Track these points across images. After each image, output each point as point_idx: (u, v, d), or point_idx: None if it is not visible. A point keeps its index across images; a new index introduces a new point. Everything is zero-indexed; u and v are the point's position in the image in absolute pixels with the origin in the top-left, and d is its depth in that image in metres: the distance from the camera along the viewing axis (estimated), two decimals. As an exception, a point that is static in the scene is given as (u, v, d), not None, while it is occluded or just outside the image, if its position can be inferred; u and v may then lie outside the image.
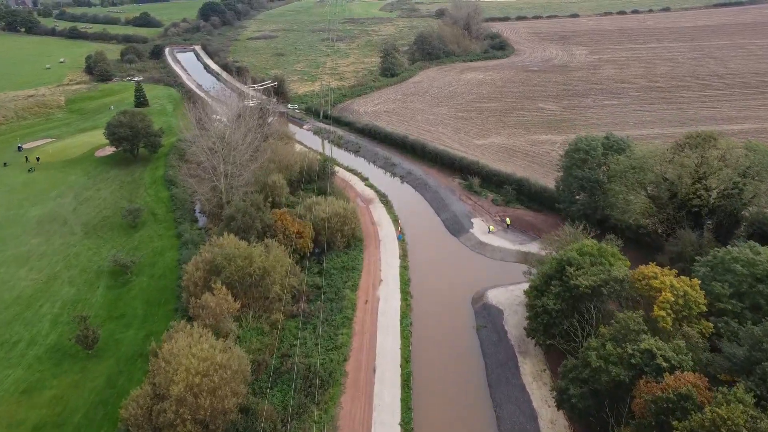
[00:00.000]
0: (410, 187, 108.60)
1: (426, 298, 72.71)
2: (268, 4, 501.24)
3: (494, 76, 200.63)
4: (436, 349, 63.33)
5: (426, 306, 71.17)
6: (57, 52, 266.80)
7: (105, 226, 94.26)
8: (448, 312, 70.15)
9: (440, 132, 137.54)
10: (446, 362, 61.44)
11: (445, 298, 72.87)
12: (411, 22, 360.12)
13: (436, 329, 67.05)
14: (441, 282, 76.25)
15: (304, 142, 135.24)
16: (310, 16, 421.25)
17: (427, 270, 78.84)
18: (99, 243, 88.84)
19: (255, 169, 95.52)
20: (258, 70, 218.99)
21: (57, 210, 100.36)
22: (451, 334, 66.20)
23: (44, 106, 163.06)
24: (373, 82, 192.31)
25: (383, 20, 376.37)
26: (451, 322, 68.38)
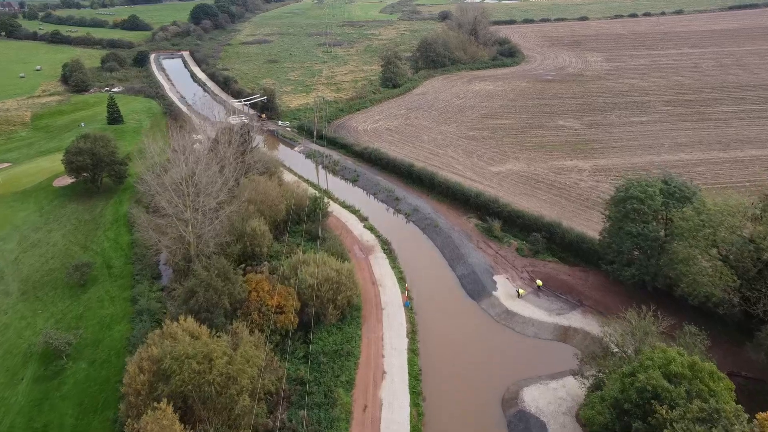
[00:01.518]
0: (417, 229, 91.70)
1: (443, 400, 55.79)
2: (264, 5, 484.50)
3: (505, 87, 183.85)
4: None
5: (444, 414, 54.26)
6: (35, 59, 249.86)
7: (48, 283, 77.42)
8: (472, 422, 53.27)
9: (450, 156, 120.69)
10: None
11: (467, 399, 55.99)
12: (413, 26, 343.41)
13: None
14: (461, 372, 59.36)
15: (295, 168, 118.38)
16: (307, 19, 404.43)
17: (442, 354, 61.96)
18: (36, 308, 72.03)
19: (230, 214, 78.75)
20: (248, 79, 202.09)
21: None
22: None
23: (6, 123, 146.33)
24: (373, 94, 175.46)
25: (383, 23, 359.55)
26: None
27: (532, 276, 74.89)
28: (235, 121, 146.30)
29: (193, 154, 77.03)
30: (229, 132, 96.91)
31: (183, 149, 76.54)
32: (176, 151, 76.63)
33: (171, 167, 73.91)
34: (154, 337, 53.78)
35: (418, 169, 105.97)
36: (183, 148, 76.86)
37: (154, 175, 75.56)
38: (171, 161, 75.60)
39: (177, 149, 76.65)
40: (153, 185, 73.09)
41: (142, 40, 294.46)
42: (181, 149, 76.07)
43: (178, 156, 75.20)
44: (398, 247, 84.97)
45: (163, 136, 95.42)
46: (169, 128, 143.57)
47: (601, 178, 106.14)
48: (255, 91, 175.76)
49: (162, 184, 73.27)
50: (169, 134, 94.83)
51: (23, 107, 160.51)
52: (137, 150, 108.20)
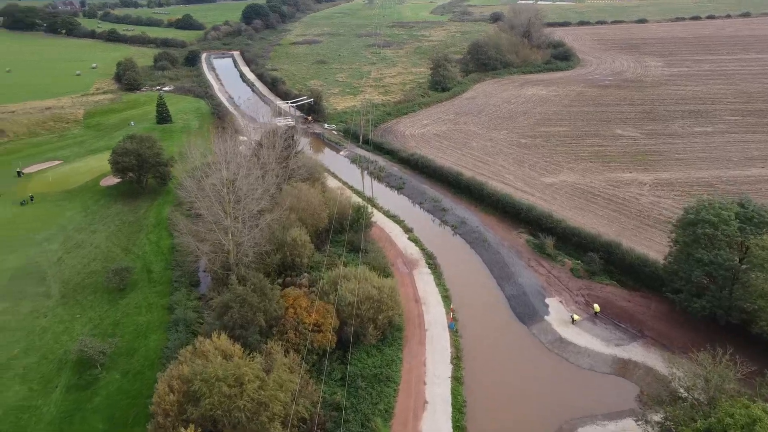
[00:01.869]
0: (464, 243, 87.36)
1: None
2: (315, 5, 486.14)
3: (559, 92, 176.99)
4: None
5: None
6: (92, 57, 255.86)
7: (88, 287, 76.66)
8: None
9: (500, 165, 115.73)
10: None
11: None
12: (463, 27, 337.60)
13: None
14: (508, 406, 54.98)
15: (340, 173, 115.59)
16: (357, 19, 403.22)
17: (488, 385, 57.65)
18: (75, 313, 71.16)
19: (271, 222, 76.36)
20: (296, 80, 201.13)
21: (37, 261, 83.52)
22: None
23: (60, 121, 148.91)
24: (421, 97, 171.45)
25: (434, 24, 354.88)
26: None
27: (588, 300, 69.70)
28: (281, 123, 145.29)
29: (235, 159, 74.83)
30: (274, 135, 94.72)
31: (225, 154, 74.51)
32: (218, 155, 74.70)
33: (212, 172, 71.86)
34: (186, 354, 51.52)
35: (467, 179, 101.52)
36: (225, 153, 74.83)
37: (194, 180, 73.71)
38: (212, 166, 73.57)
39: (219, 154, 74.69)
40: (193, 190, 71.17)
41: (194, 39, 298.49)
42: (223, 154, 74.03)
43: (219, 161, 73.21)
44: (444, 262, 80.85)
45: (205, 140, 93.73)
46: (214, 130, 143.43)
47: (662, 194, 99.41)
48: (302, 92, 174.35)
49: (202, 190, 71.34)
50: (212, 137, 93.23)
51: (77, 105, 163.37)
52: (178, 153, 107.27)
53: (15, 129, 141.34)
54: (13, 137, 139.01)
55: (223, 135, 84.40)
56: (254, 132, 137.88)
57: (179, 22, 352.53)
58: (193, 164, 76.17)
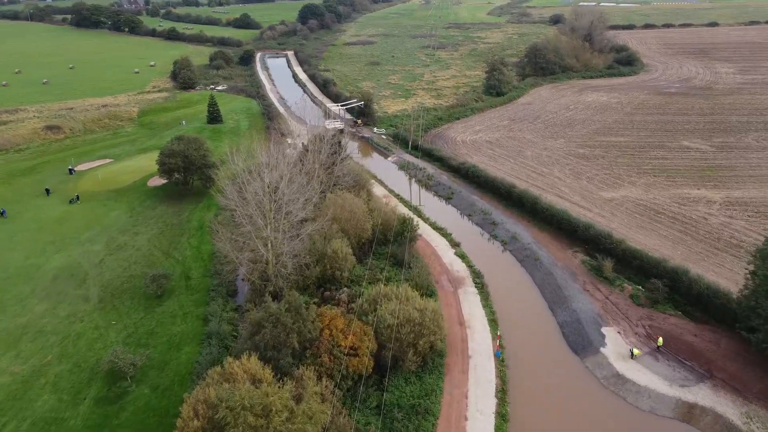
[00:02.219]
0: (514, 261, 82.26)
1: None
2: (371, 6, 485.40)
3: (621, 99, 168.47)
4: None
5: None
6: (151, 55, 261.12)
7: (126, 291, 75.60)
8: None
9: (555, 177, 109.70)
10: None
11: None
12: (521, 29, 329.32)
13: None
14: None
15: (387, 180, 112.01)
16: (413, 20, 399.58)
17: (536, 424, 52.81)
18: (111, 319, 70.02)
19: (312, 233, 73.48)
20: (348, 81, 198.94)
21: (80, 261, 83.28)
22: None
23: (115, 118, 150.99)
24: (475, 102, 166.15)
25: (490, 26, 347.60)
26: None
27: (650, 332, 63.69)
28: (330, 125, 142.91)
29: (277, 168, 72.23)
30: (320, 141, 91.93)
31: (267, 162, 72.04)
32: (261, 161, 72.34)
33: (253, 179, 69.38)
34: (214, 375, 48.86)
35: (520, 191, 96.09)
36: (268, 158, 72.36)
37: (235, 187, 71.54)
38: (253, 173, 71.15)
39: (262, 159, 72.32)
40: (233, 198, 68.90)
41: (250, 38, 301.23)
42: (266, 162, 71.58)
43: (262, 169, 70.76)
44: (491, 281, 76.05)
45: (251, 142, 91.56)
46: (261, 132, 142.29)
47: (735, 214, 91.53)
48: (353, 94, 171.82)
49: (243, 198, 69.06)
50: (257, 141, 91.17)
51: (132, 103, 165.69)
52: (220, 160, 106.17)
53: (71, 126, 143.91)
54: (69, 134, 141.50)
55: (268, 139, 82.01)
56: (302, 135, 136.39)
57: (237, 21, 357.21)
58: (235, 169, 73.68)
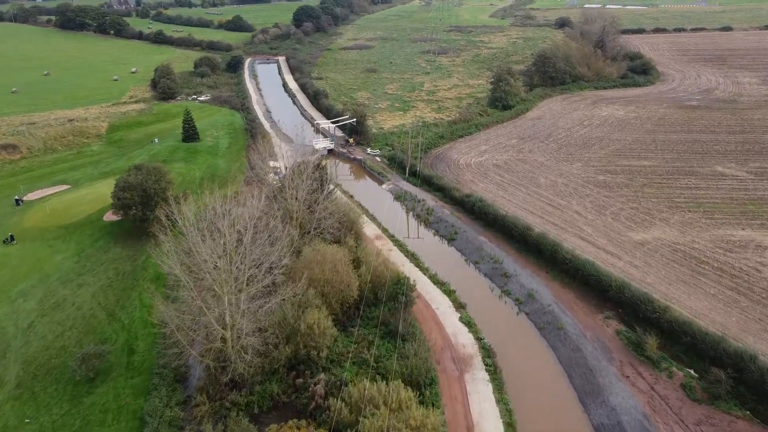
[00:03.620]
0: (532, 329, 67.48)
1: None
2: (370, 7, 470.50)
3: (640, 114, 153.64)
4: None
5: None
6: (136, 59, 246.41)
7: (53, 371, 60.90)
8: None
9: (574, 211, 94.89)
10: None
11: None
12: (526, 33, 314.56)
13: None
14: None
15: (379, 214, 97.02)
16: (413, 22, 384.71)
17: None
18: (25, 413, 55.31)
19: (282, 302, 58.85)
20: (342, 91, 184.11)
21: (5, 325, 68.66)
22: None
23: (81, 135, 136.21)
24: (479, 116, 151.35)
25: (493, 29, 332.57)
26: None
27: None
28: (319, 145, 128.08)
29: (241, 218, 57.48)
30: (300, 174, 77.17)
31: (227, 212, 57.35)
32: (218, 214, 57.61)
33: (204, 240, 54.62)
34: None
35: (536, 236, 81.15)
36: (227, 210, 57.65)
37: (184, 252, 56.81)
38: (206, 230, 56.36)
39: (218, 211, 57.62)
40: (177, 270, 54.00)
41: (241, 42, 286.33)
42: (224, 212, 56.89)
43: (218, 223, 56.09)
44: (506, 361, 61.17)
45: (198, 199, 76.64)
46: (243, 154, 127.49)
47: (794, 265, 76.83)
48: (347, 107, 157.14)
49: (188, 269, 54.44)
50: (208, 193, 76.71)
51: (103, 116, 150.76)
52: (183, 193, 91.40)
53: (30, 144, 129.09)
54: (27, 154, 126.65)
55: (224, 190, 66.24)
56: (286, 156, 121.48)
57: (229, 24, 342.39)
58: (185, 225, 58.74)
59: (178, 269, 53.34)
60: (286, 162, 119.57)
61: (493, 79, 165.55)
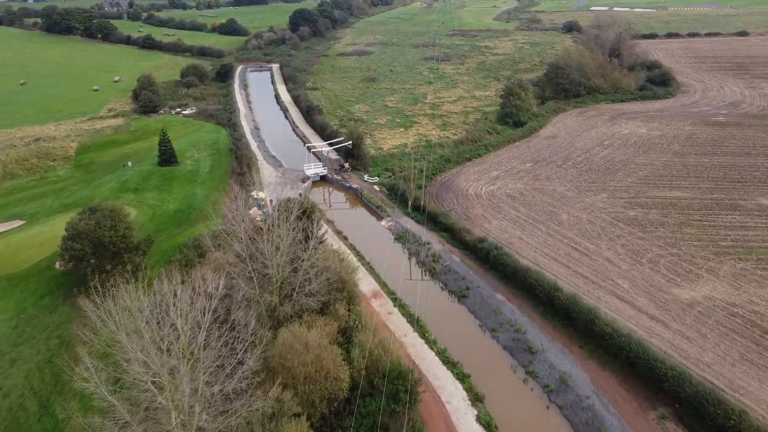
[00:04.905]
0: (568, 430, 53.65)
1: None
2: (370, 9, 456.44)
3: (663, 131, 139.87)
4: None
5: None
6: (121, 66, 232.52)
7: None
8: None
9: (605, 258, 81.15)
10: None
11: None
12: (532, 37, 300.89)
13: None
14: None
15: (377, 261, 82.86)
16: (414, 26, 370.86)
17: None
18: None
19: (249, 413, 45.17)
20: (338, 104, 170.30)
21: None
22: None
23: (46, 157, 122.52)
24: (488, 134, 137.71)
25: (498, 33, 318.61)
26: None
27: None
28: (311, 171, 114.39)
29: (191, 313, 43.81)
30: (282, 224, 63.30)
31: (179, 300, 43.78)
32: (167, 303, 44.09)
33: (147, 344, 41.02)
34: None
35: (566, 299, 67.31)
36: (173, 307, 43.99)
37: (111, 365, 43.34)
38: (145, 331, 42.70)
39: (168, 301, 44.05)
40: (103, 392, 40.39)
41: (233, 47, 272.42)
42: (176, 302, 43.34)
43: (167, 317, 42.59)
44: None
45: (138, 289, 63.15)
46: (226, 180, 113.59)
47: None
48: (342, 122, 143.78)
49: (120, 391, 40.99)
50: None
51: (74, 134, 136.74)
52: (146, 239, 77.79)
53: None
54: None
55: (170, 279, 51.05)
56: (272, 184, 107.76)
57: (223, 27, 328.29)
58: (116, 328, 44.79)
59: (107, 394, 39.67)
60: (272, 192, 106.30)
61: (503, 92, 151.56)
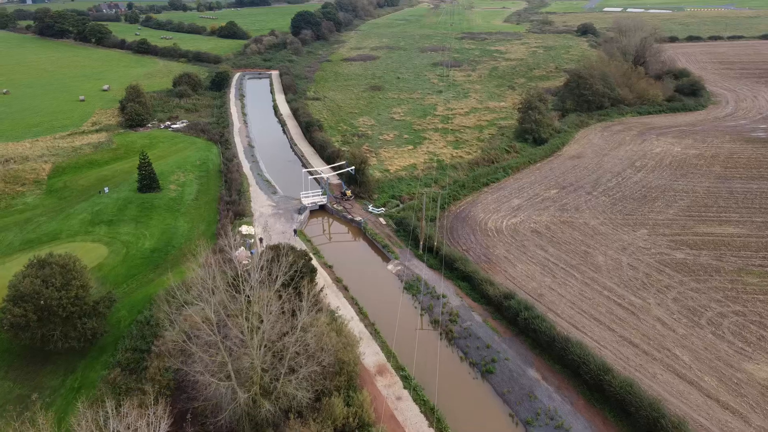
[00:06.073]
0: None
1: None
2: (375, 11, 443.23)
3: (701, 150, 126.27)
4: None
5: None
6: (112, 73, 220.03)
7: None
8: None
9: (656, 317, 67.72)
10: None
11: None
12: (545, 41, 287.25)
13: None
14: None
15: (385, 320, 69.64)
16: (421, 28, 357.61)
17: None
18: None
19: None
20: (340, 116, 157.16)
21: None
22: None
23: (14, 181, 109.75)
24: (506, 153, 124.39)
25: (509, 36, 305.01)
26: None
27: None
28: (308, 200, 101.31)
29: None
30: (265, 301, 50.09)
31: None
32: None
33: None
34: None
35: (620, 386, 53.70)
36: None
37: None
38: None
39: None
40: None
41: (231, 52, 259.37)
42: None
43: None
44: None
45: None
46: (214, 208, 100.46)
47: None
48: (346, 137, 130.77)
49: None
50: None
51: (48, 153, 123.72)
52: (107, 299, 64.85)
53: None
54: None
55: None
56: (264, 215, 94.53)
57: (222, 30, 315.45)
58: None
59: None
60: (263, 226, 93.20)
61: (522, 105, 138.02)
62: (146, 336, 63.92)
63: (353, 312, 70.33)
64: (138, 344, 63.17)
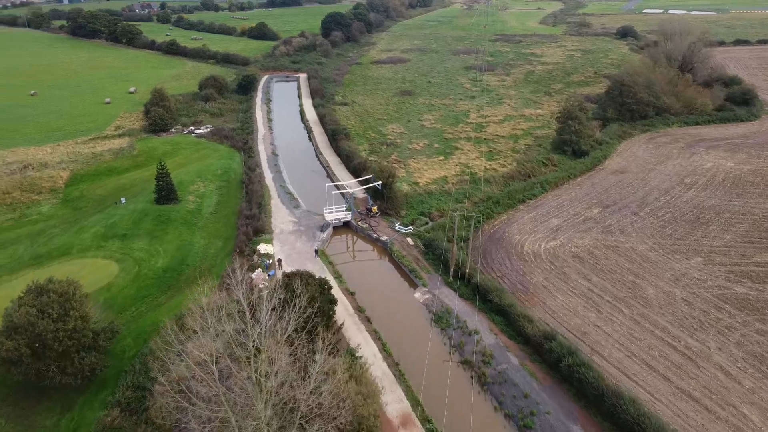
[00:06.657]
0: None
1: None
2: (407, 12, 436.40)
3: (757, 166, 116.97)
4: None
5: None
6: (140, 75, 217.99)
7: None
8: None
9: (717, 365, 59.88)
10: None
11: None
12: (583, 43, 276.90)
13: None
14: None
15: (407, 360, 63.04)
16: (453, 29, 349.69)
17: None
18: None
19: None
20: (369, 123, 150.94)
21: None
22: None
23: (31, 189, 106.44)
24: (543, 166, 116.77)
25: (545, 39, 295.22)
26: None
27: None
28: (331, 216, 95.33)
29: None
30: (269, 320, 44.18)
31: None
32: None
33: None
34: None
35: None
36: None
37: None
38: None
39: None
40: None
41: (260, 53, 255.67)
42: None
43: None
44: None
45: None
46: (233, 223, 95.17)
47: None
48: (374, 146, 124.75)
49: None
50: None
51: (68, 159, 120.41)
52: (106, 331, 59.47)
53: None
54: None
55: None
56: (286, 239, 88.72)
57: (252, 31, 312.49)
58: None
59: None
60: (283, 245, 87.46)
61: (561, 115, 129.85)
62: (150, 371, 58.64)
63: (376, 349, 63.89)
64: (141, 380, 57.92)
